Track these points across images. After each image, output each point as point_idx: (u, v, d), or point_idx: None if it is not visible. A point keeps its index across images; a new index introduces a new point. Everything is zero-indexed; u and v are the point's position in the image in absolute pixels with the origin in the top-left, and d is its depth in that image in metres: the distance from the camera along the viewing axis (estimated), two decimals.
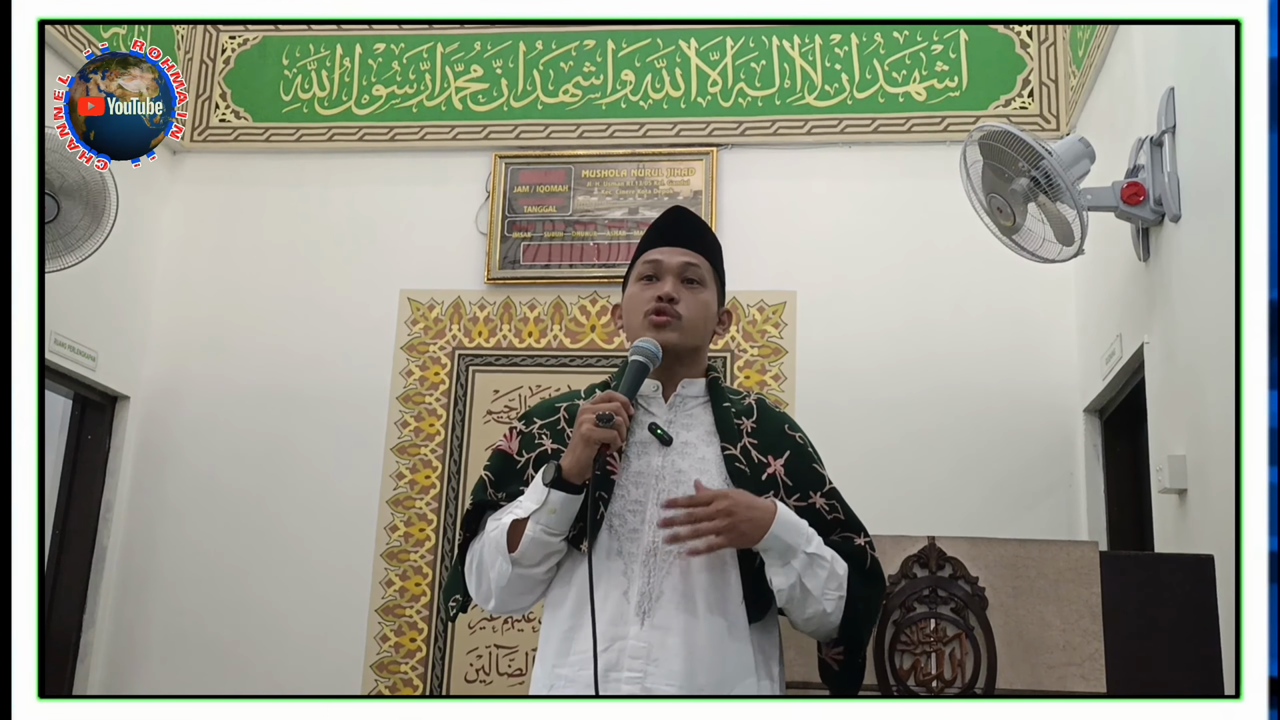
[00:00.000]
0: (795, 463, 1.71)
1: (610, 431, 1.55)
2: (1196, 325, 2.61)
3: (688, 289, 1.74)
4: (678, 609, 1.58)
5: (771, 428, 1.74)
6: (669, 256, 1.75)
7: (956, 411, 3.88)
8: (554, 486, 1.57)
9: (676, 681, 1.55)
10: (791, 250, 4.12)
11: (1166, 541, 2.87)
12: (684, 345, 1.72)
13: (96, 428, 4.17)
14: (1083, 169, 2.88)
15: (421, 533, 4.04)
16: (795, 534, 1.59)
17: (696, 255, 1.77)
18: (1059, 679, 1.97)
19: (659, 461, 1.66)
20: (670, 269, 1.74)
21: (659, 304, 1.71)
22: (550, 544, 1.60)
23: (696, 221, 1.86)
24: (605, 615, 1.57)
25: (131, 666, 4.05)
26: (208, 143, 4.49)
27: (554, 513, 1.58)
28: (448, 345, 4.20)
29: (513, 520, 1.62)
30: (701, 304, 1.75)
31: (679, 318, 1.71)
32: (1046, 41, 4.12)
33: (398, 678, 3.93)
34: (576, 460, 1.57)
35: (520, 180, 4.29)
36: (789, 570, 1.58)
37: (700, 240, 1.80)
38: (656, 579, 1.60)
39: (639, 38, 4.34)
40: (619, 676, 1.55)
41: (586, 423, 1.55)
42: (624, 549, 1.61)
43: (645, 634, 1.57)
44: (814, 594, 1.59)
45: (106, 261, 3.93)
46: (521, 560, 1.62)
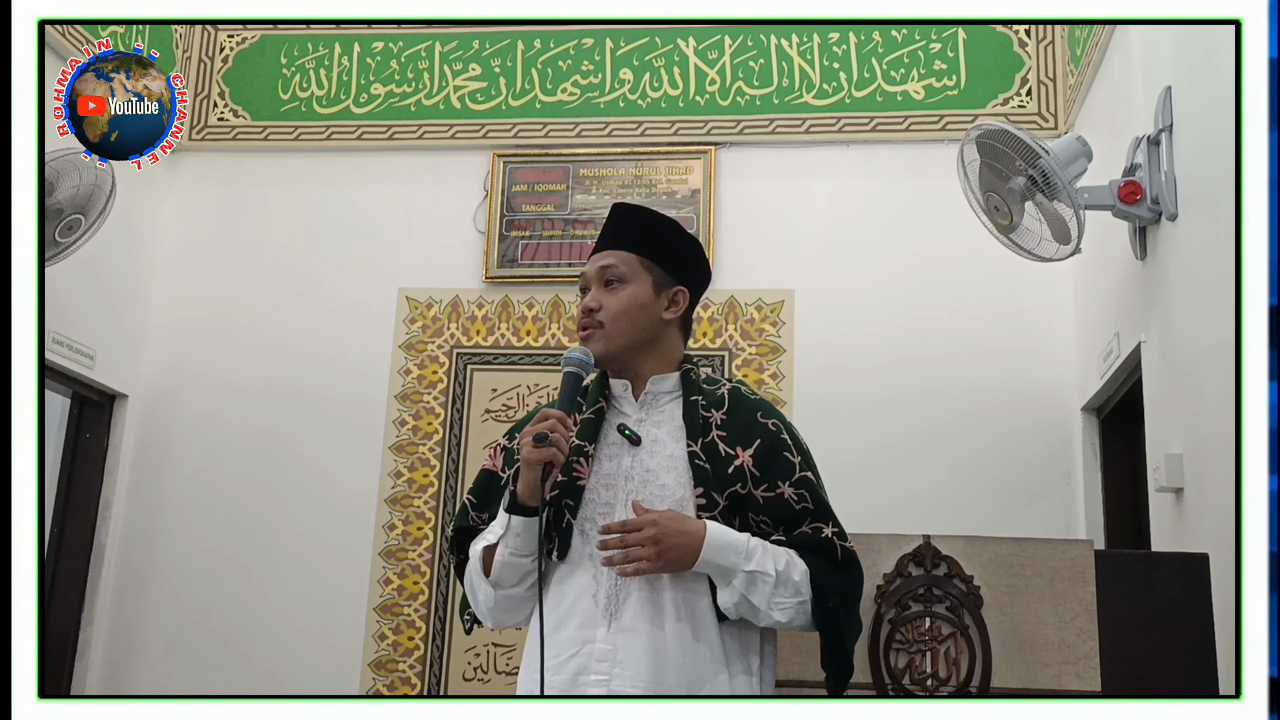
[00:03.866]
0: (765, 451, 1.66)
1: (548, 450, 1.55)
2: (1193, 324, 2.61)
3: (608, 291, 1.72)
4: (644, 612, 1.58)
5: (742, 417, 1.70)
6: (590, 266, 1.76)
7: (954, 410, 3.88)
8: (511, 511, 1.60)
9: (641, 683, 1.55)
10: (790, 249, 4.12)
11: (1163, 540, 2.87)
12: (615, 349, 1.70)
13: (95, 426, 4.17)
14: (1080, 168, 2.88)
15: (420, 531, 4.04)
16: (730, 554, 1.57)
17: (615, 254, 1.74)
18: (1054, 677, 1.98)
19: (629, 462, 1.66)
20: (591, 278, 1.74)
21: (581, 318, 1.72)
22: (522, 565, 1.62)
23: (621, 216, 1.81)
24: (576, 619, 1.59)
25: (130, 664, 4.05)
26: (206, 141, 4.49)
27: (518, 535, 1.60)
28: (446, 344, 4.20)
29: (484, 546, 1.66)
30: (621, 302, 1.71)
31: (601, 325, 1.70)
32: (1044, 40, 4.12)
33: (395, 676, 3.94)
34: (525, 483, 1.58)
35: (518, 179, 4.29)
36: (731, 590, 1.58)
37: (622, 234, 1.77)
38: (623, 582, 1.59)
39: (637, 36, 4.34)
40: (587, 680, 1.56)
41: (525, 446, 1.57)
42: (594, 553, 1.61)
43: (612, 637, 1.58)
44: (761, 609, 1.57)
45: (105, 260, 3.94)
46: (500, 583, 1.65)
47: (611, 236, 1.78)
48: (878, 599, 2.05)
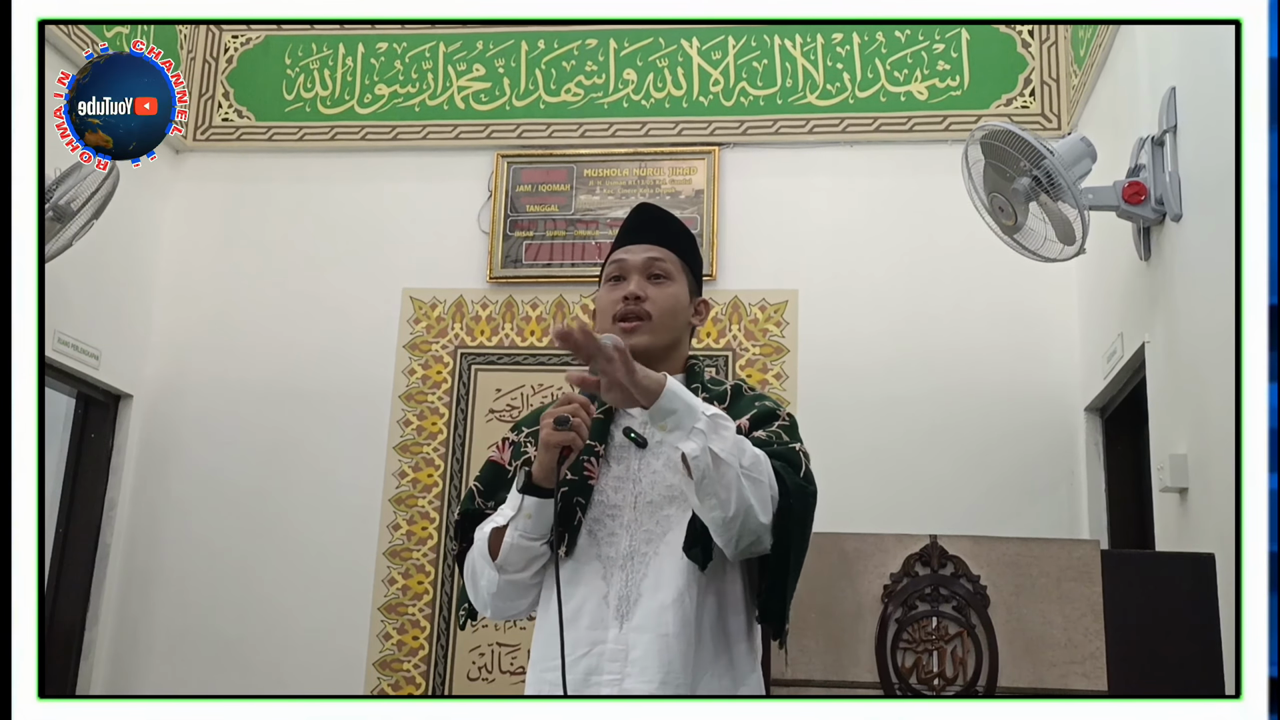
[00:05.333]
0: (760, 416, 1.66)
1: (567, 434, 1.54)
2: (1197, 324, 2.62)
3: (654, 284, 1.71)
4: (655, 612, 1.58)
5: (742, 403, 1.71)
6: (632, 254, 1.73)
7: (958, 409, 3.88)
8: (525, 491, 1.59)
9: (653, 684, 1.55)
10: (793, 249, 4.12)
11: (1167, 540, 2.88)
12: (657, 345, 1.69)
13: (100, 426, 4.17)
14: (1084, 168, 2.88)
15: (424, 531, 4.05)
16: (691, 399, 1.52)
17: (661, 249, 1.74)
18: (1060, 677, 1.98)
19: (636, 464, 1.66)
20: (635, 266, 1.72)
21: (625, 306, 1.69)
22: (531, 549, 1.62)
23: (661, 215, 1.82)
24: (585, 620, 1.59)
25: (134, 663, 4.06)
26: (210, 142, 4.50)
27: (530, 518, 1.59)
28: (450, 344, 4.20)
29: (493, 528, 1.65)
30: (670, 297, 1.71)
31: (648, 317, 1.69)
32: (1048, 41, 4.13)
33: (400, 675, 3.94)
34: (541, 465, 1.58)
35: (522, 179, 4.30)
36: (696, 434, 1.47)
37: (665, 232, 1.77)
38: (634, 582, 1.60)
39: (641, 37, 4.35)
40: (599, 680, 1.56)
41: (545, 428, 1.56)
42: (602, 553, 1.62)
43: (624, 637, 1.58)
44: (725, 460, 1.46)
45: (109, 260, 3.95)
46: (505, 567, 1.64)
47: (653, 232, 1.77)
48: (884, 598, 2.06)
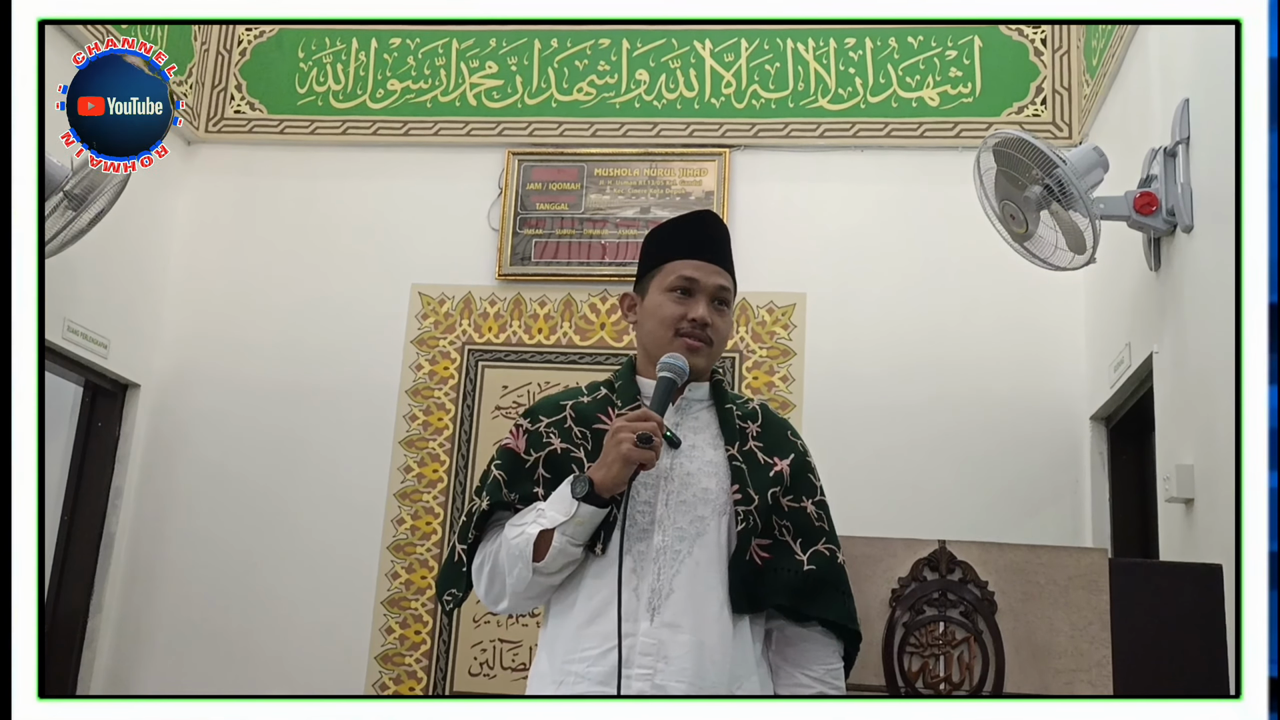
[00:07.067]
0: (797, 466, 1.77)
1: (650, 453, 1.58)
2: (1206, 336, 2.63)
3: (718, 312, 1.77)
4: (688, 606, 1.61)
5: (776, 432, 1.79)
6: (706, 276, 1.76)
7: (964, 416, 3.89)
8: (588, 501, 1.61)
9: (687, 678, 1.58)
10: (802, 253, 4.13)
11: (1172, 551, 2.88)
12: (709, 367, 1.79)
13: (107, 415, 4.18)
14: (1096, 178, 2.89)
15: (428, 526, 4.06)
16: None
17: (727, 276, 1.79)
18: (1066, 684, 1.99)
19: (667, 464, 1.69)
20: (707, 290, 1.76)
21: (694, 329, 1.73)
22: (574, 554, 1.65)
23: (726, 234, 1.87)
24: (612, 613, 1.60)
25: (137, 654, 4.07)
26: (222, 134, 4.51)
27: (581, 525, 1.62)
28: (458, 340, 4.21)
29: (540, 530, 1.65)
30: (728, 326, 1.80)
31: (710, 343, 1.75)
32: (1060, 50, 4.13)
33: (402, 670, 3.95)
34: (613, 478, 1.59)
35: (533, 177, 4.31)
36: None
37: (729, 258, 1.82)
38: (666, 577, 1.63)
39: (654, 38, 4.35)
40: (630, 673, 1.58)
41: (627, 442, 1.58)
42: (633, 548, 1.64)
43: (655, 631, 1.60)
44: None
45: (119, 250, 3.96)
46: (545, 569, 1.65)
47: (721, 254, 1.81)
48: (892, 602, 2.07)
